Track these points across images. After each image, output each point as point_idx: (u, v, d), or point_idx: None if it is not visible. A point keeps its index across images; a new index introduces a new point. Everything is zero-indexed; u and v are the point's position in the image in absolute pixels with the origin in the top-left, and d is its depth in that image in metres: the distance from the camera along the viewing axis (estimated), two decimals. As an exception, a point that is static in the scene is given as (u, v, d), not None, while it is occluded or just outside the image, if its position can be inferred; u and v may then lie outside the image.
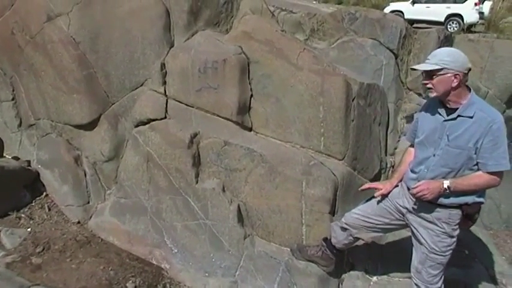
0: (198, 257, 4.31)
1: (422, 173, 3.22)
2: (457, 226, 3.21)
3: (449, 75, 2.96)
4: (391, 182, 3.61)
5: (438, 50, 3.13)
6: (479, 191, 3.11)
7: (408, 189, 3.33)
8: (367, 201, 3.74)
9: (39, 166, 5.15)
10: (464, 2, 19.40)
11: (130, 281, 4.01)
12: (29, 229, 4.54)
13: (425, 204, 3.23)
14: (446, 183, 3.03)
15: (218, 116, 4.65)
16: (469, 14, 18.93)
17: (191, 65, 4.63)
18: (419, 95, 6.30)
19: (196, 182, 4.43)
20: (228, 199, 4.31)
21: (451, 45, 6.57)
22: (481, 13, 19.18)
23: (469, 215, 3.18)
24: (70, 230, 4.64)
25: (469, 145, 2.99)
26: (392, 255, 4.41)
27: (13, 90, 5.48)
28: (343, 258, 4.32)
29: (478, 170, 3.04)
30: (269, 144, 4.53)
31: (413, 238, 3.47)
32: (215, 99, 4.62)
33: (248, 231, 4.34)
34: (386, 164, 5.46)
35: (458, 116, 3.04)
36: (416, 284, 3.49)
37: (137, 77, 4.89)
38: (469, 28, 18.17)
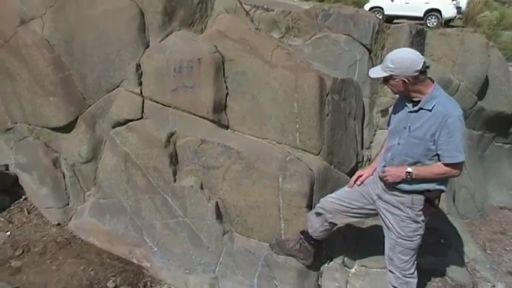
0: (178, 254, 4.36)
1: (389, 160, 3.43)
2: (420, 212, 3.36)
3: (397, 80, 3.15)
4: (371, 167, 3.82)
5: (390, 53, 3.24)
6: (440, 180, 3.28)
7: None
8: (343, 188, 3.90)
9: (18, 170, 5.14)
10: (442, -3, 19.66)
11: (111, 281, 4.05)
12: (8, 233, 4.53)
13: (390, 189, 3.41)
14: (408, 169, 3.21)
15: (194, 114, 4.69)
16: (447, 9, 19.19)
17: (166, 65, 4.66)
18: (394, 89, 6.41)
19: (174, 181, 4.47)
20: (206, 196, 4.36)
21: (423, 40, 6.68)
22: (458, 8, 19.44)
23: (430, 200, 3.35)
24: (50, 232, 4.65)
25: (427, 136, 3.15)
26: (370, 247, 4.48)
27: (-11, 95, 5.46)
28: (322, 251, 4.39)
29: (439, 160, 3.20)
30: (246, 141, 4.58)
31: (383, 225, 3.61)
32: (191, 98, 4.66)
33: (227, 227, 4.40)
34: (363, 157, 5.53)
35: (420, 108, 3.20)
36: (390, 271, 3.62)
37: (113, 78, 4.91)
38: (448, 23, 18.39)
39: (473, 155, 6.75)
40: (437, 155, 3.19)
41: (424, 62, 3.12)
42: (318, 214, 3.89)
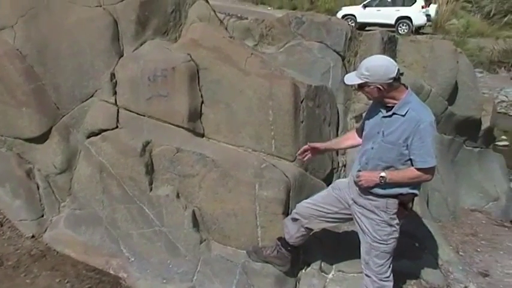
0: (155, 264, 4.33)
1: (364, 165, 3.47)
2: (395, 215, 3.42)
3: (372, 87, 3.21)
4: (320, 144, 4.01)
5: (365, 60, 3.31)
6: (413, 184, 3.35)
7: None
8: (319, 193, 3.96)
9: (-10, 182, 5.06)
10: (412, 4, 20.06)
11: (87, 292, 4.01)
12: (-20, 246, 4.46)
13: (365, 194, 3.46)
14: (382, 173, 3.27)
15: (170, 123, 4.68)
16: (417, 16, 19.58)
17: (141, 74, 4.66)
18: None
19: (150, 190, 4.46)
20: (182, 205, 4.36)
21: (395, 46, 6.81)
22: (428, 15, 19.86)
23: (404, 203, 3.42)
24: (24, 245, 4.57)
25: (400, 141, 3.22)
26: (347, 252, 4.51)
27: (-41, 106, 5.36)
28: (299, 258, 4.42)
29: (412, 165, 3.27)
30: (221, 149, 4.60)
31: (358, 230, 3.66)
32: (166, 107, 4.66)
33: (204, 235, 4.39)
34: (338, 163, 5.60)
35: (393, 113, 3.25)
36: (367, 275, 3.66)
37: (87, 88, 4.88)
38: (418, 30, 18.74)
39: (445, 159, 6.88)
40: (410, 159, 3.27)
41: (398, 70, 3.18)
42: (294, 220, 3.92)
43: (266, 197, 4.25)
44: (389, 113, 3.28)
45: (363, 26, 19.70)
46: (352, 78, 3.33)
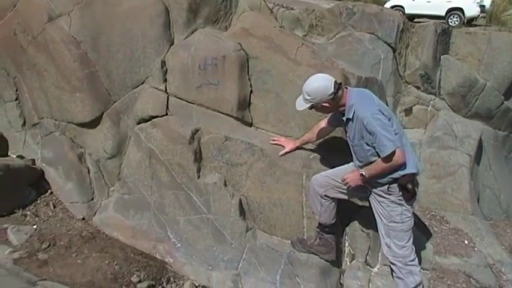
0: (201, 250, 4.38)
1: (356, 163, 3.76)
2: (400, 195, 3.58)
3: (319, 106, 3.60)
4: (294, 142, 4.34)
5: (304, 85, 3.62)
6: (391, 172, 3.48)
7: None
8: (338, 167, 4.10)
9: (44, 164, 5.22)
10: (465, -5, 19.30)
11: (135, 275, 4.08)
12: (34, 226, 4.61)
13: (370, 183, 3.66)
14: (361, 172, 3.57)
15: (219, 112, 4.71)
16: (470, 7, 18.81)
17: (191, 62, 4.70)
18: (418, 88, 6.36)
19: (198, 177, 4.50)
20: (229, 193, 4.38)
21: (448, 39, 6.61)
22: (482, 6, 19.08)
23: (402, 185, 3.55)
24: (75, 227, 4.72)
25: (360, 141, 3.54)
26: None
27: (16, 90, 5.55)
28: (343, 249, 4.40)
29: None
30: (269, 139, 4.58)
31: (375, 214, 3.79)
32: (215, 95, 4.69)
33: (250, 224, 4.41)
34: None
35: (347, 118, 3.60)
36: (392, 263, 3.74)
37: (138, 74, 4.97)
38: (470, 22, 18.09)
39: (499, 155, 6.66)
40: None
41: (335, 82, 3.51)
42: (314, 193, 3.95)
43: (313, 188, 4.21)
44: (344, 118, 3.62)
45: (411, 18, 19.15)
46: (301, 104, 3.66)
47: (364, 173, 3.54)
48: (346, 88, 3.63)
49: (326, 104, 3.55)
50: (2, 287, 3.23)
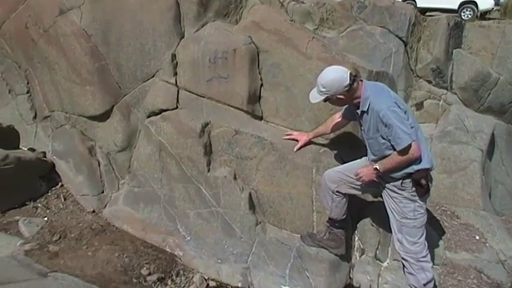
0: (210, 244, 4.39)
1: (371, 157, 3.73)
2: (414, 191, 3.53)
3: (334, 98, 3.57)
4: (307, 135, 4.35)
5: (319, 77, 3.58)
6: (406, 165, 3.44)
7: None
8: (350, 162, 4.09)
9: (54, 157, 5.25)
10: (478, -12, 18.94)
11: (145, 268, 4.10)
12: (45, 218, 4.65)
13: (383, 178, 3.63)
14: (375, 166, 3.54)
15: (229, 105, 4.71)
16: (484, 0, 18.48)
17: (201, 56, 4.69)
18: (429, 82, 6.31)
19: (208, 171, 4.51)
20: (239, 187, 4.39)
21: (461, 32, 6.54)
22: (496, -1, 18.64)
23: (416, 180, 3.50)
24: (85, 219, 4.75)
25: (375, 134, 3.51)
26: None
27: (28, 83, 5.59)
28: (352, 244, 4.39)
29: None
30: (279, 133, 4.58)
31: (388, 209, 3.76)
32: (225, 89, 4.68)
33: (259, 218, 4.41)
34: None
35: (362, 111, 3.57)
36: (404, 259, 3.70)
37: (148, 68, 4.97)
38: (484, 15, 17.77)
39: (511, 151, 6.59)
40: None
41: (350, 74, 3.47)
42: (326, 188, 3.94)
43: (323, 182, 4.20)
44: (359, 111, 3.59)
45: (422, 12, 18.92)
46: (315, 96, 3.63)
47: (378, 167, 3.51)
48: (361, 80, 3.59)
49: (341, 96, 3.52)
50: (13, 278, 3.24)
